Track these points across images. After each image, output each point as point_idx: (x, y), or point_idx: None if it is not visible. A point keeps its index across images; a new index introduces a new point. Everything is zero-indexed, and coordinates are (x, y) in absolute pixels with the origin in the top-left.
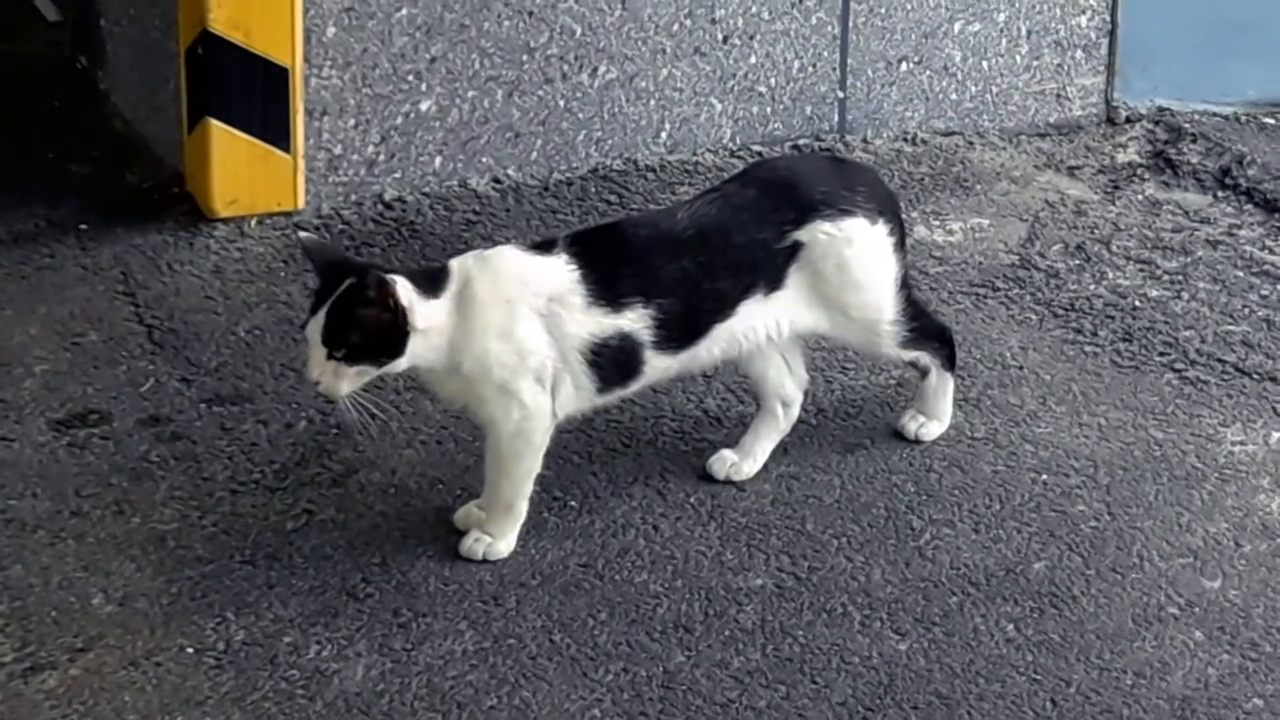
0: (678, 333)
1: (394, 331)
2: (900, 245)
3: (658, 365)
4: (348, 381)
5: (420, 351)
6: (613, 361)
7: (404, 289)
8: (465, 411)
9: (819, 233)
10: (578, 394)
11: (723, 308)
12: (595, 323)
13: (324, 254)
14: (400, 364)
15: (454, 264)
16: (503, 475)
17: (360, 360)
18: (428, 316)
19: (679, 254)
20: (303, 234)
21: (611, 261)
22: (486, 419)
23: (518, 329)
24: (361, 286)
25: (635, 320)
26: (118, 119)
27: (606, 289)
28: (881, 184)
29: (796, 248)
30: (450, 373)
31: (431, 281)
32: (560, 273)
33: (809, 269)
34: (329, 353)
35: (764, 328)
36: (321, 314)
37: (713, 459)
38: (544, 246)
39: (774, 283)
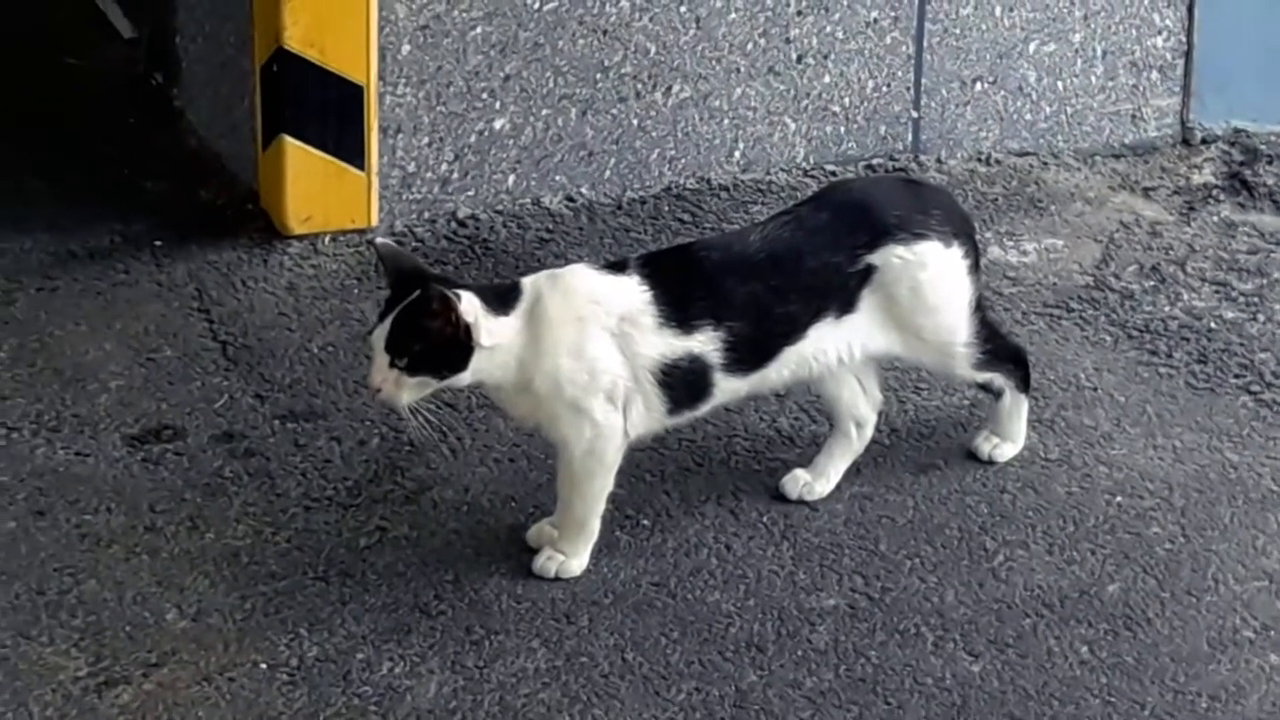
0: (748, 355)
1: (456, 346)
2: (975, 267)
3: (727, 387)
4: (408, 391)
5: (486, 368)
6: (683, 383)
7: (469, 305)
8: (538, 430)
9: (893, 256)
10: (648, 414)
11: (793, 331)
12: (666, 344)
13: (397, 262)
14: (463, 379)
15: (526, 281)
16: (575, 493)
17: (421, 371)
18: (495, 333)
19: (750, 277)
20: (379, 240)
21: (683, 283)
22: (559, 437)
23: (589, 347)
24: (425, 299)
25: (705, 342)
26: (192, 136)
27: (677, 311)
28: (956, 206)
29: (869, 271)
30: (521, 390)
31: (502, 298)
32: (632, 293)
33: (882, 292)
34: (391, 361)
35: (835, 351)
36: (387, 322)
37: (786, 478)
38: (616, 267)
39: (846, 306)
